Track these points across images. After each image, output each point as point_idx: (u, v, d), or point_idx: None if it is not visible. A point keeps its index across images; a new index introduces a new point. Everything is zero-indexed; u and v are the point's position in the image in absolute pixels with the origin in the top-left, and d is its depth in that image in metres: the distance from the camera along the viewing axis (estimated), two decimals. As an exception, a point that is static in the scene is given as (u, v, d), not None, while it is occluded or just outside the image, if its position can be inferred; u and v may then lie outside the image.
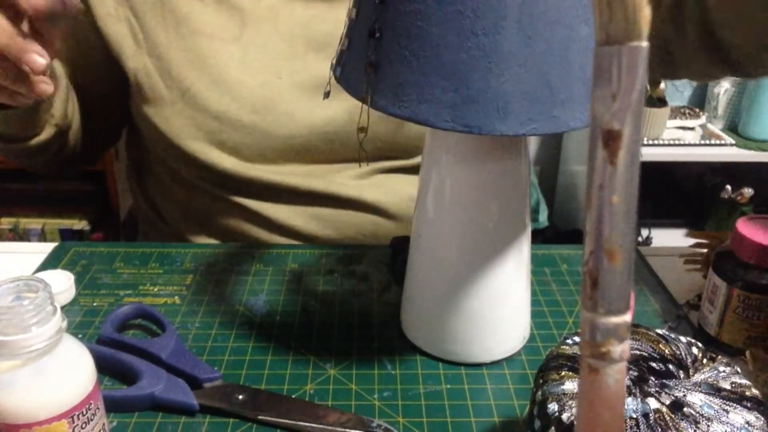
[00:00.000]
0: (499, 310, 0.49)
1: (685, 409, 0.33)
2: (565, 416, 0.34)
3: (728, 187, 1.80)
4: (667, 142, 1.71)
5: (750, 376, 0.45)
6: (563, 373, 0.36)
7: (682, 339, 0.38)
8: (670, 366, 0.36)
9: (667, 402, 0.33)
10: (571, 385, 0.35)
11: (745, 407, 0.33)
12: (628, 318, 0.20)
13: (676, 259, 0.66)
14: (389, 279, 0.62)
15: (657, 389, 0.34)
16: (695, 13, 0.55)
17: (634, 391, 0.34)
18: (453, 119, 0.39)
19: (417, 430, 0.45)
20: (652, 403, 0.33)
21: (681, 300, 0.59)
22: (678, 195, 1.95)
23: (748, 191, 1.78)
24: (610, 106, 0.19)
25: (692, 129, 1.79)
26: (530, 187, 0.49)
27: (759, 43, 0.52)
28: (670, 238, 1.86)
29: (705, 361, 0.37)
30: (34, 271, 0.62)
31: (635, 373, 0.35)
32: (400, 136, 0.70)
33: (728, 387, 0.35)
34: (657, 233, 1.87)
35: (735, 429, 0.32)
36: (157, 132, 0.68)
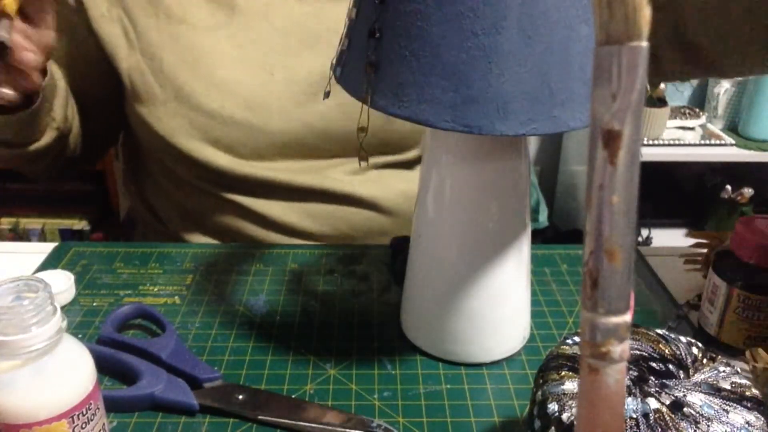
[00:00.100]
0: (499, 310, 0.49)
1: (685, 409, 0.33)
2: (565, 416, 0.34)
3: (728, 187, 1.80)
4: (667, 142, 1.71)
5: (750, 376, 0.45)
6: (563, 373, 0.36)
7: (682, 339, 0.38)
8: (670, 366, 0.36)
9: (667, 402, 0.33)
10: (571, 385, 0.35)
11: (745, 407, 0.33)
12: (628, 318, 0.20)
13: (676, 259, 0.66)
14: (389, 279, 0.62)
15: (657, 389, 0.34)
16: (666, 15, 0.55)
17: (634, 391, 0.34)
18: (453, 119, 0.39)
19: (417, 430, 0.45)
20: (652, 403, 0.33)
21: (681, 300, 0.59)
22: (678, 195, 1.95)
23: (748, 191, 1.78)
24: (610, 106, 0.19)
25: (692, 129, 1.79)
26: (530, 187, 0.49)
27: (730, 45, 0.52)
28: (670, 238, 1.86)
29: (705, 361, 0.37)
30: (34, 271, 0.62)
31: (635, 373, 0.35)
32: (391, 131, 0.70)
33: (728, 387, 0.35)
34: (657, 233, 1.86)
35: (735, 429, 0.32)
36: (151, 132, 0.68)
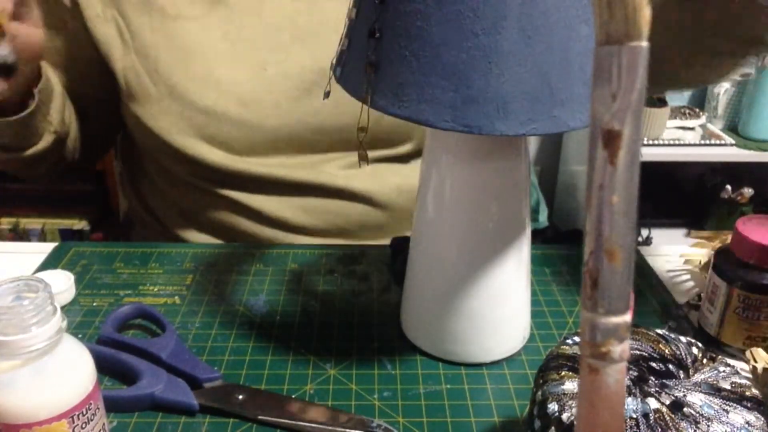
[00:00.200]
0: (499, 310, 0.49)
1: (685, 409, 0.33)
2: (565, 416, 0.34)
3: (728, 187, 1.80)
4: (667, 142, 1.71)
5: (750, 376, 0.45)
6: (563, 373, 0.36)
7: (682, 339, 0.38)
8: (670, 366, 0.36)
9: (667, 402, 0.33)
10: (571, 385, 0.35)
11: (745, 407, 0.33)
12: (628, 318, 0.20)
13: (676, 259, 0.66)
14: (389, 279, 0.62)
15: (657, 389, 0.34)
16: None
17: (634, 391, 0.34)
18: (453, 119, 0.39)
19: (417, 430, 0.45)
20: (652, 403, 0.33)
21: (681, 300, 0.59)
22: (678, 195, 1.95)
23: (748, 191, 1.79)
24: (610, 106, 0.19)
25: (692, 129, 1.79)
26: (530, 187, 0.49)
27: (697, 58, 0.52)
28: (670, 238, 1.86)
29: (705, 361, 0.37)
30: (34, 271, 0.62)
31: (635, 373, 0.35)
32: (383, 125, 0.70)
33: (728, 387, 0.35)
34: (657, 233, 1.86)
35: (735, 429, 0.32)
36: (147, 130, 0.69)
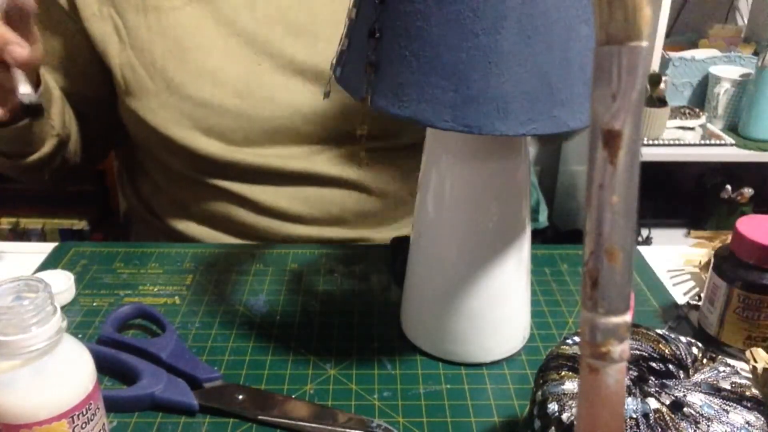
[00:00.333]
0: (499, 310, 0.49)
1: (685, 409, 0.33)
2: (565, 416, 0.34)
3: (728, 187, 1.80)
4: (667, 142, 1.71)
5: (750, 376, 0.45)
6: (563, 373, 0.36)
7: (682, 339, 0.38)
8: (670, 366, 0.36)
9: (667, 402, 0.33)
10: (571, 385, 0.35)
11: (745, 407, 0.33)
12: (628, 318, 0.20)
13: (676, 259, 0.66)
14: (389, 279, 0.62)
15: (657, 389, 0.34)
16: None
17: (634, 391, 0.34)
18: (453, 119, 0.39)
19: (417, 430, 0.45)
20: (652, 403, 0.33)
21: (681, 300, 0.59)
22: (678, 195, 1.95)
23: (748, 191, 1.78)
24: (610, 106, 0.19)
25: (692, 129, 1.79)
26: (530, 187, 0.49)
27: None
28: (670, 238, 1.86)
29: (705, 361, 0.37)
30: (34, 271, 0.62)
31: (635, 373, 0.35)
32: (379, 120, 0.70)
33: (728, 387, 0.35)
34: (657, 233, 1.86)
35: (735, 429, 0.32)
36: (144, 125, 0.69)
